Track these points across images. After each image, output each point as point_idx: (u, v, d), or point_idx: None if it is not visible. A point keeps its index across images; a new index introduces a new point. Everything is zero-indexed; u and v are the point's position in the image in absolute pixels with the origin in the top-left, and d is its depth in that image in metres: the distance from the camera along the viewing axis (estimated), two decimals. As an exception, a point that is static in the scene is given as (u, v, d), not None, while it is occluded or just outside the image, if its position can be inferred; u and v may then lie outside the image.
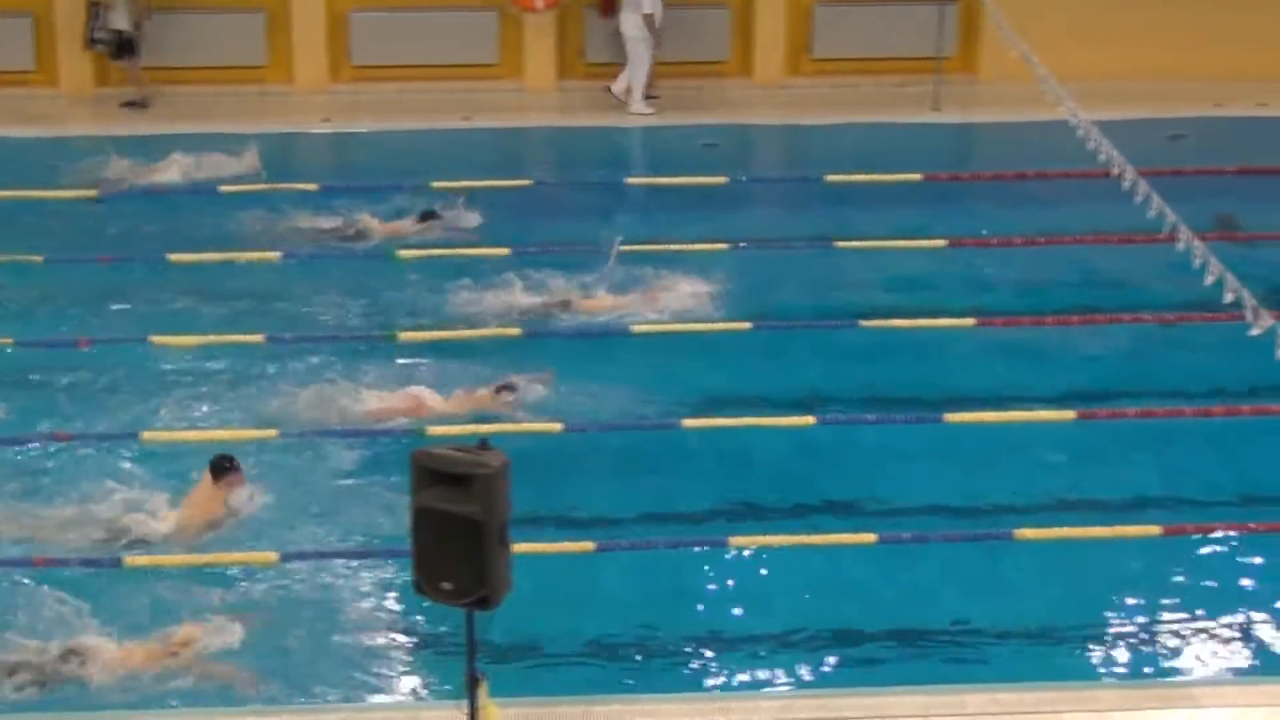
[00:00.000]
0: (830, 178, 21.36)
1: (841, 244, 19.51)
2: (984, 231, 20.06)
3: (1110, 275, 19.04)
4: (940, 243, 19.68)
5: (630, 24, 24.32)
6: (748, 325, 17.56)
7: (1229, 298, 13.52)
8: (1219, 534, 14.26)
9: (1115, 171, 15.71)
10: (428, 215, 20.02)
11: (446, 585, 9.48)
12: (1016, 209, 20.87)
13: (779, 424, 15.54)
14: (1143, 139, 21.28)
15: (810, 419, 15.58)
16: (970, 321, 17.64)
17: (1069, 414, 15.97)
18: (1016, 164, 21.87)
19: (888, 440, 15.65)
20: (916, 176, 21.55)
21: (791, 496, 14.86)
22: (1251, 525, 14.34)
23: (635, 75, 24.37)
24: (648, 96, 24.40)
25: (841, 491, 14.96)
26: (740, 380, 16.82)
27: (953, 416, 15.81)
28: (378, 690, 12.49)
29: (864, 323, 17.59)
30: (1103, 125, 16.68)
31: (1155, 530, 14.19)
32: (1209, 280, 13.79)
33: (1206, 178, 21.34)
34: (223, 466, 14.17)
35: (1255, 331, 13.17)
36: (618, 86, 24.53)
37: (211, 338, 17.14)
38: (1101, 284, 18.89)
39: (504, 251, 19.16)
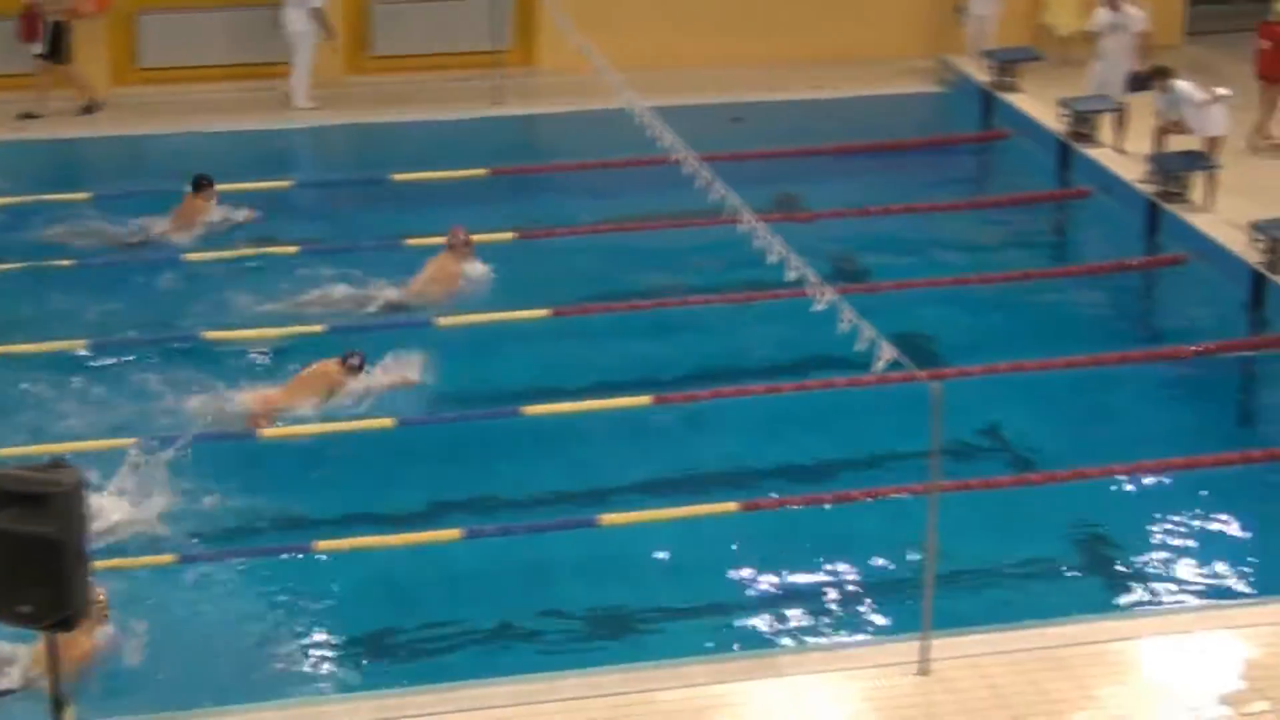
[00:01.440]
0: (396, 177, 21.41)
1: (412, 242, 19.62)
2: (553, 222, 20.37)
3: (679, 259, 19.47)
4: (508, 235, 19.91)
5: (295, 19, 24.09)
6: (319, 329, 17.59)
7: (792, 275, 13.92)
8: (797, 507, 14.77)
9: (677, 157, 16.07)
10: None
11: (24, 609, 9.24)
12: (584, 198, 21.20)
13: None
14: (703, 124, 21.83)
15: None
16: (545, 312, 17.92)
17: (645, 399, 16.34)
18: (581, 154, 22.23)
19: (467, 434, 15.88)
20: (482, 171, 21.74)
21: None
22: (826, 496, 14.90)
23: (301, 70, 24.13)
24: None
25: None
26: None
27: (531, 409, 16.07)
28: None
29: (442, 321, 17.77)
30: (663, 112, 17.05)
31: (732, 506, 14.64)
32: (772, 259, 14.19)
33: (766, 160, 22.05)
34: None
35: (819, 307, 13.57)
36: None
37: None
38: (671, 268, 19.30)
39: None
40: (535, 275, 19.19)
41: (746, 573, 13.95)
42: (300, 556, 14.00)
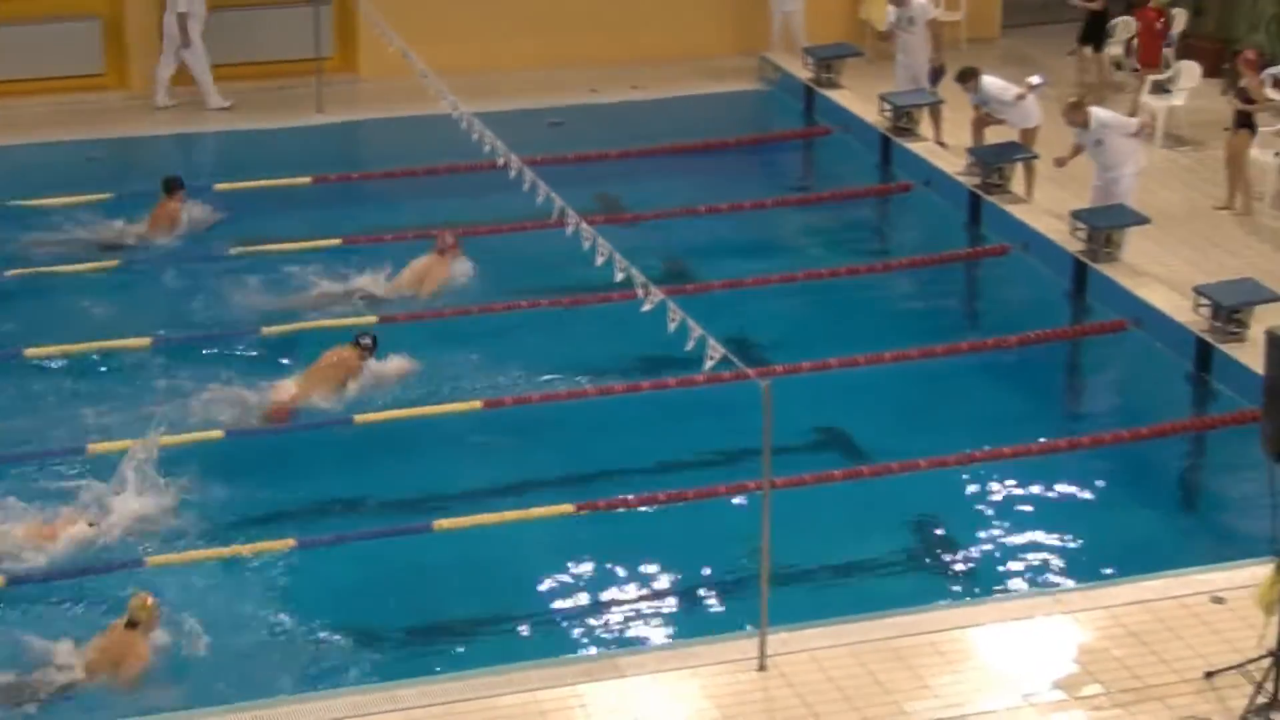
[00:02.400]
0: (220, 186, 21.20)
1: (237, 251, 19.45)
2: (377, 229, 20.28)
3: (506, 263, 19.42)
4: (334, 241, 19.80)
5: (169, 21, 23.94)
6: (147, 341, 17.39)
7: (619, 276, 13.96)
8: (631, 509, 14.80)
9: (502, 161, 16.05)
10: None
11: None
12: (409, 204, 21.08)
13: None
14: (525, 127, 21.82)
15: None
16: (373, 319, 17.84)
17: (476, 404, 16.32)
18: (406, 160, 22.12)
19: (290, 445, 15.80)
20: (306, 180, 21.59)
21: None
22: (660, 495, 14.94)
23: (164, 70, 23.95)
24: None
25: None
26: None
27: (362, 418, 16.00)
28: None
29: (265, 329, 17.63)
30: (485, 116, 17.02)
31: (568, 509, 14.66)
32: (600, 261, 14.22)
33: (588, 163, 22.07)
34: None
35: (647, 307, 13.62)
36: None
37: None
38: (498, 272, 19.24)
39: None
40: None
41: (584, 574, 13.97)
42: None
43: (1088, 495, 15.17)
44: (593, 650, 13.09)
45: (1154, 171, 21.00)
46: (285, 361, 17.10)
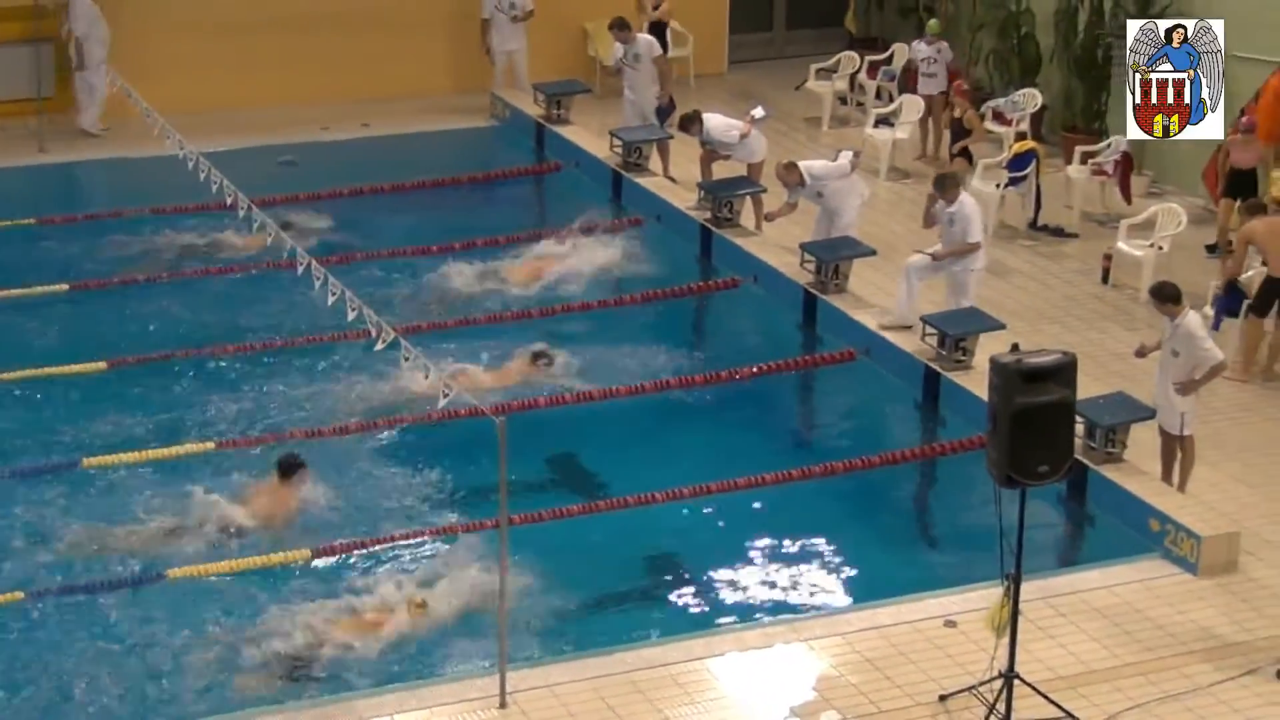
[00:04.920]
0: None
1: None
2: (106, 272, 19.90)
3: (239, 304, 19.15)
4: (62, 287, 19.39)
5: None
6: None
7: (351, 315, 13.84)
8: (368, 549, 14.66)
9: (230, 200, 15.83)
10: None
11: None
12: (136, 246, 20.65)
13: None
14: (255, 166, 21.60)
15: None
16: (102, 365, 17.53)
17: (209, 444, 16.11)
18: (132, 200, 21.73)
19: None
20: (30, 220, 21.12)
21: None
22: (396, 535, 14.82)
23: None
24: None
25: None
26: None
27: (92, 461, 15.74)
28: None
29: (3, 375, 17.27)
30: (214, 156, 16.80)
31: (305, 554, 14.51)
32: (331, 300, 14.08)
33: (321, 200, 21.89)
34: (292, 465, 14.94)
35: (379, 346, 13.55)
36: None
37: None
38: (231, 313, 18.97)
39: None
40: (89, 327, 18.67)
41: (320, 618, 13.72)
42: None
43: (823, 524, 15.31)
44: (331, 694, 12.86)
45: (879, 203, 21.40)
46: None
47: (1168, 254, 19.93)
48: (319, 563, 14.46)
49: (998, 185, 21.63)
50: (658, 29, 25.03)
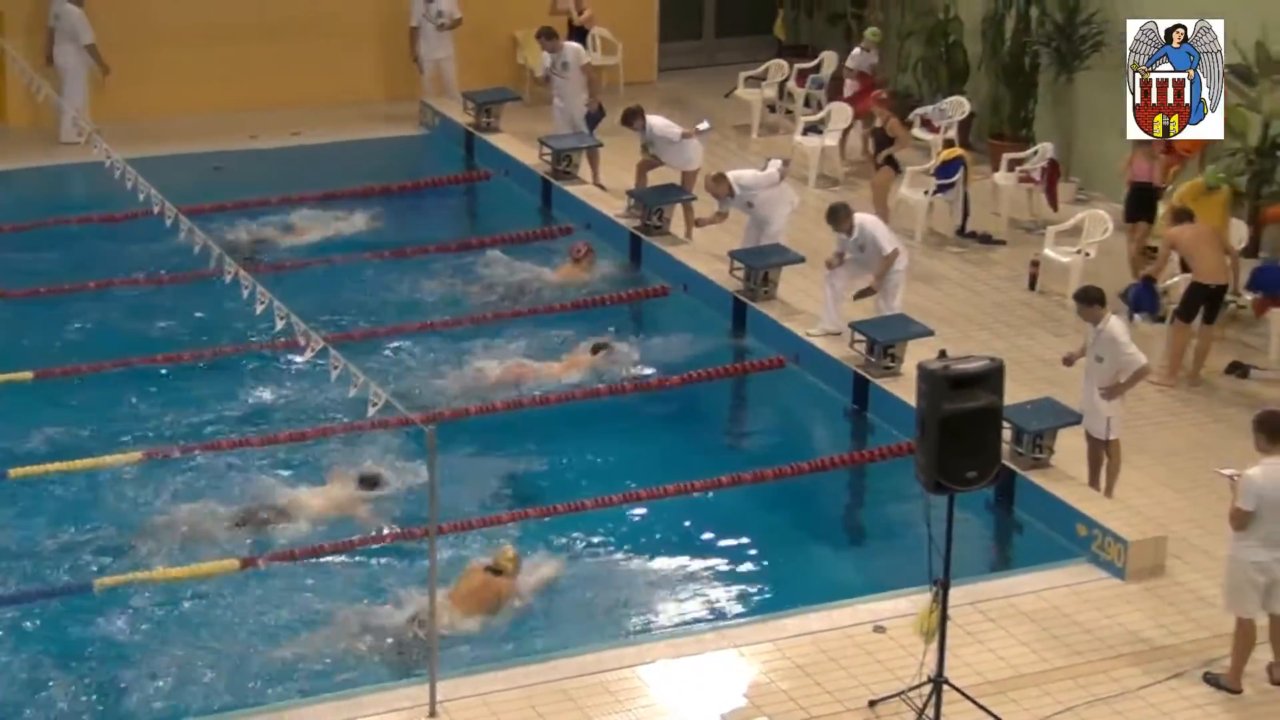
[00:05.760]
0: None
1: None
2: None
3: (166, 313, 19.06)
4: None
5: (66, 54, 23.36)
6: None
7: (280, 324, 13.78)
8: (297, 560, 14.59)
9: (158, 209, 15.72)
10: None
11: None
12: (61, 255, 20.53)
13: None
14: (184, 174, 21.50)
15: None
16: (27, 375, 17.42)
17: (136, 455, 16.02)
18: (57, 210, 21.61)
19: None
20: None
21: None
22: (325, 545, 14.77)
23: (71, 104, 22.73)
24: None
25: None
26: None
27: (17, 471, 15.60)
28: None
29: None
30: (141, 163, 16.69)
31: (235, 564, 14.41)
32: (259, 309, 14.02)
33: (249, 209, 21.82)
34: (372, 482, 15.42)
35: (307, 355, 13.48)
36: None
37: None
38: (158, 323, 18.87)
39: None
40: (15, 337, 18.54)
41: (250, 629, 13.65)
42: None
43: (753, 530, 15.32)
44: (262, 704, 12.78)
45: (808, 211, 21.45)
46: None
47: (1094, 260, 20.07)
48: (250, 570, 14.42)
49: (926, 192, 21.75)
50: (580, 35, 25.06)
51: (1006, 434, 14.58)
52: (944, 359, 12.42)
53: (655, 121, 21.59)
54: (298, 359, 16.39)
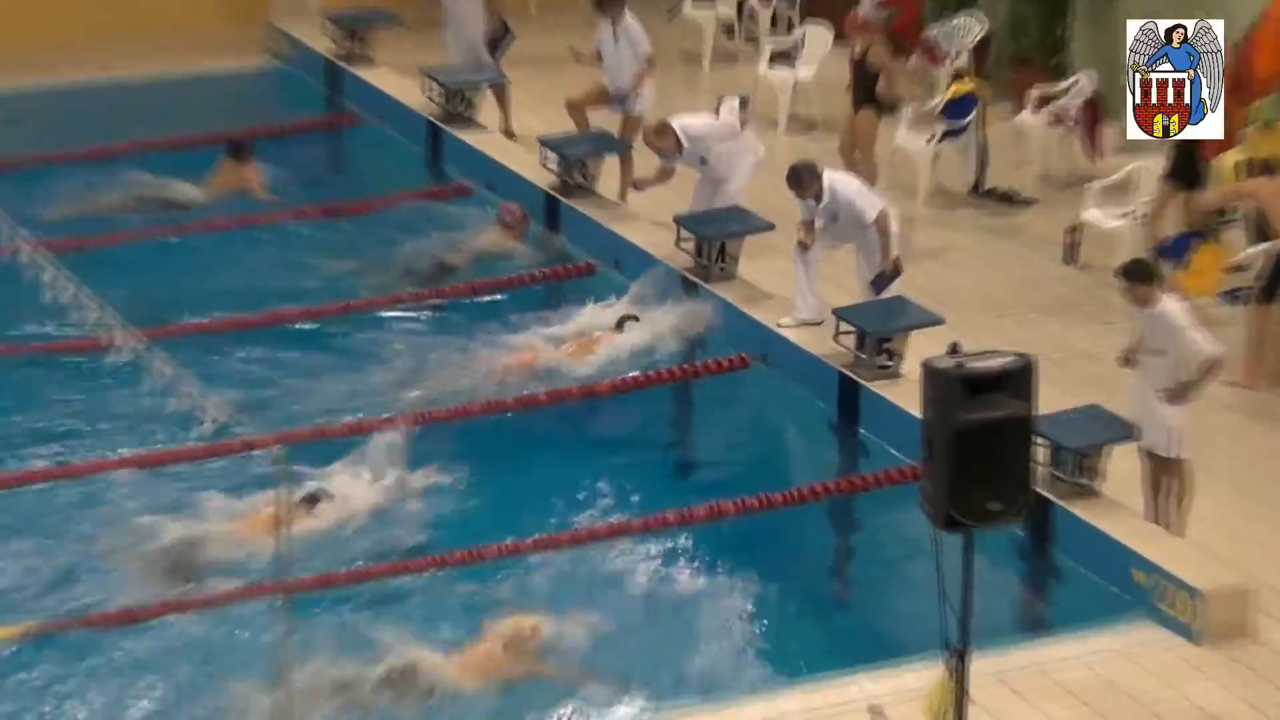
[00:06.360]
0: None
1: None
2: None
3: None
4: None
5: None
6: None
7: (91, 317, 13.83)
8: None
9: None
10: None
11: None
12: None
13: None
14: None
15: None
16: None
17: None
18: None
19: None
20: None
21: None
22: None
23: None
24: None
25: None
26: None
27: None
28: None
29: None
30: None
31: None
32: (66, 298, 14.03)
33: (47, 164, 21.87)
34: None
35: (124, 357, 13.54)
36: None
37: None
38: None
39: None
40: None
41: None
42: None
43: (707, 584, 15.25)
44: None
45: (776, 164, 21.22)
46: None
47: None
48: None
49: (930, 139, 21.72)
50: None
51: (1040, 453, 14.55)
52: (957, 355, 12.33)
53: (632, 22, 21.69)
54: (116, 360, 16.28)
